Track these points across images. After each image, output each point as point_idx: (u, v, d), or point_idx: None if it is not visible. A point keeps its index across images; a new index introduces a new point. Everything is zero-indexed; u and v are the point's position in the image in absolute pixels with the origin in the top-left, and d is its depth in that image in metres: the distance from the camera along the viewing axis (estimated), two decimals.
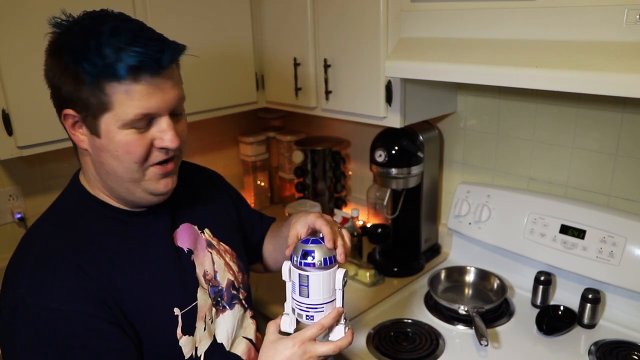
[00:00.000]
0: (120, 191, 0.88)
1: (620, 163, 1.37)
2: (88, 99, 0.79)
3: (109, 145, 0.82)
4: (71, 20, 0.84)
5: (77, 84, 0.79)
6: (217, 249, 1.04)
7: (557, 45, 1.01)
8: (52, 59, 0.82)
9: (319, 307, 0.86)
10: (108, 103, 0.79)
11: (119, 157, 0.82)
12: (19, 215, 1.63)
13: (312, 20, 1.55)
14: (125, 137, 0.81)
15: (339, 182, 1.99)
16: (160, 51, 0.78)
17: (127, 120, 0.80)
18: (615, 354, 1.24)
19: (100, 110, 0.79)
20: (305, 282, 0.85)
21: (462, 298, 1.54)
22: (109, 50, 0.76)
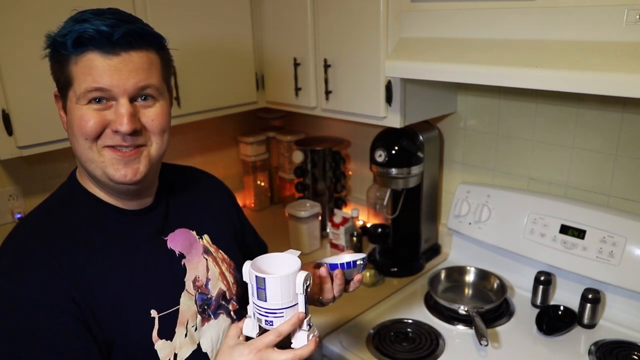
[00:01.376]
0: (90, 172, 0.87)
1: (620, 163, 1.37)
2: (58, 76, 0.84)
3: (70, 121, 0.84)
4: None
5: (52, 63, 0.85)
6: (215, 257, 1.02)
7: (557, 45, 1.01)
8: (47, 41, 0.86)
9: (278, 312, 0.82)
10: (69, 78, 0.82)
11: (74, 133, 0.83)
12: (19, 215, 1.63)
13: (312, 20, 1.55)
14: (79, 111, 0.82)
15: (339, 182, 1.99)
16: (112, 26, 0.78)
17: (80, 93, 0.81)
18: (615, 354, 1.24)
19: (66, 86, 0.83)
20: (262, 285, 0.81)
21: (462, 298, 1.54)
22: (68, 24, 0.80)
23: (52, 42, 0.82)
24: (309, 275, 0.83)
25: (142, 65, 0.83)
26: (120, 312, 0.85)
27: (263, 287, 0.81)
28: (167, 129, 0.89)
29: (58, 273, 0.81)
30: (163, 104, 0.88)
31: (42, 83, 1.32)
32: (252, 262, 0.85)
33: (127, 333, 0.85)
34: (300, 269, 0.83)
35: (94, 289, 0.83)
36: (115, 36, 0.78)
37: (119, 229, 0.90)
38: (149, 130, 0.86)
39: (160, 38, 0.87)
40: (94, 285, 0.84)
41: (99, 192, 0.91)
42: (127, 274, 0.88)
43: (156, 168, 0.93)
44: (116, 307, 0.85)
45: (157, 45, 0.86)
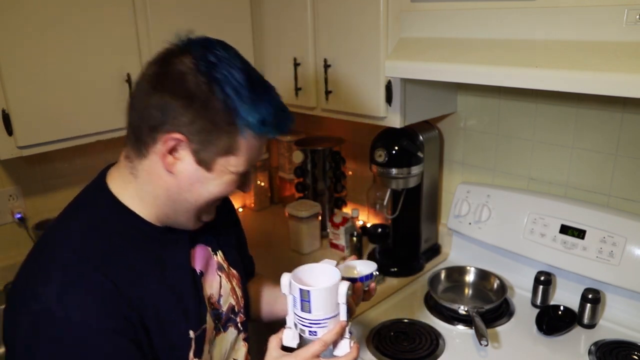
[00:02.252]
0: (176, 217, 0.88)
1: (620, 163, 1.37)
2: (220, 138, 0.79)
3: (212, 180, 0.83)
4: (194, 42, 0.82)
5: (217, 121, 0.78)
6: (227, 273, 1.02)
7: (557, 45, 1.01)
8: (181, 82, 0.77)
9: (322, 322, 0.84)
10: (237, 149, 0.81)
11: (211, 192, 0.84)
12: (19, 215, 1.63)
13: (312, 20, 1.55)
14: (229, 179, 0.84)
15: (339, 182, 1.99)
16: (291, 122, 0.85)
17: (241, 169, 0.84)
18: (615, 354, 1.24)
19: (225, 151, 0.81)
20: (307, 297, 0.82)
21: (462, 298, 1.54)
22: (268, 111, 0.80)
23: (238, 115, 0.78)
24: (350, 285, 0.85)
25: None
26: (167, 334, 0.85)
27: (307, 300, 0.82)
28: None
29: (113, 295, 0.79)
30: None
31: (42, 83, 1.33)
32: (292, 274, 0.86)
33: (171, 354, 0.86)
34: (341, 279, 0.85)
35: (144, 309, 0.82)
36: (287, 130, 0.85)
37: (156, 247, 0.89)
38: None
39: None
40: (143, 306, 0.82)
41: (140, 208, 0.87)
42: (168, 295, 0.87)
43: None
44: (163, 330, 0.84)
45: None
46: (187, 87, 0.77)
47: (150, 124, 0.79)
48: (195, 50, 0.79)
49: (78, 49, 1.37)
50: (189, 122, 0.78)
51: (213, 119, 0.78)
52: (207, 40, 0.83)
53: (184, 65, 0.78)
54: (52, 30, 1.32)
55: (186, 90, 0.77)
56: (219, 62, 0.78)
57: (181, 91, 0.77)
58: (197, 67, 0.77)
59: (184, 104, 0.77)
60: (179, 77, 0.77)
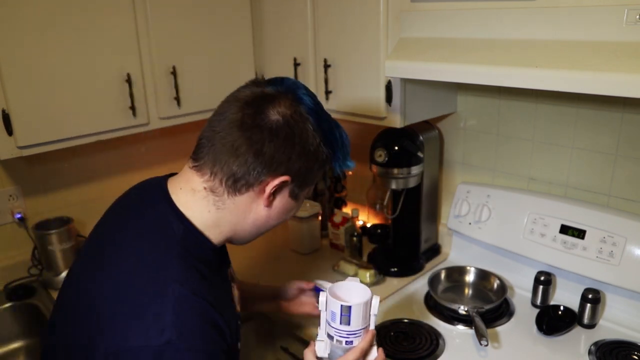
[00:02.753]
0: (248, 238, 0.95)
1: (620, 163, 1.37)
2: (314, 177, 0.93)
3: (295, 207, 0.95)
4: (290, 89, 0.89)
5: (319, 166, 0.90)
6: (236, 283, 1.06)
7: (557, 45, 1.02)
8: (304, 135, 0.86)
9: (358, 332, 0.94)
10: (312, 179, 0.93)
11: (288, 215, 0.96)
12: (19, 215, 1.63)
13: (312, 20, 1.55)
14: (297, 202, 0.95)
15: (339, 182, 1.99)
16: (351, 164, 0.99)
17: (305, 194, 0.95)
18: (615, 354, 1.24)
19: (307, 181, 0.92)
20: (347, 312, 0.92)
21: (462, 298, 1.54)
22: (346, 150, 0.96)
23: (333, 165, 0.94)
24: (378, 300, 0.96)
25: None
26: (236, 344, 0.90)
27: (348, 314, 0.92)
28: None
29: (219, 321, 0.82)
30: None
31: (42, 83, 1.33)
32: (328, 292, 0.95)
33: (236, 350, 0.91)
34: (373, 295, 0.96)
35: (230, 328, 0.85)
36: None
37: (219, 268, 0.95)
38: None
39: None
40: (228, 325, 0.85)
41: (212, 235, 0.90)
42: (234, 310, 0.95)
43: None
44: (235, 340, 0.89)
45: None
46: (306, 140, 0.86)
47: (264, 169, 0.85)
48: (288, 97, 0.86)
49: (78, 49, 1.37)
50: (298, 168, 0.88)
51: (316, 165, 0.90)
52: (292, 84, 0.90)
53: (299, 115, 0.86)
54: (52, 31, 1.32)
55: (304, 143, 0.86)
56: (320, 111, 0.90)
57: (300, 143, 0.86)
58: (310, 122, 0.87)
59: (300, 153, 0.86)
60: (300, 131, 0.86)
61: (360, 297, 0.95)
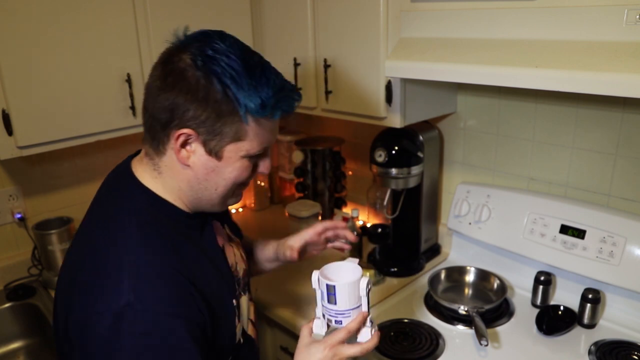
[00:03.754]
0: (205, 204, 0.93)
1: (620, 163, 1.37)
2: (226, 126, 0.83)
3: (224, 168, 0.87)
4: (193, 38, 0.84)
5: (220, 112, 0.81)
6: (235, 242, 1.10)
7: (557, 45, 1.02)
8: (182, 79, 0.81)
9: (346, 312, 0.93)
10: (244, 135, 0.84)
11: (227, 179, 0.89)
12: (19, 215, 1.64)
13: (312, 20, 1.55)
14: (242, 164, 0.88)
15: (339, 182, 1.99)
16: (296, 100, 0.88)
17: (253, 153, 0.87)
18: (615, 354, 1.24)
19: (232, 139, 0.84)
20: (333, 291, 0.92)
21: (462, 298, 1.54)
22: (268, 93, 0.82)
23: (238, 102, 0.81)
24: (370, 281, 0.95)
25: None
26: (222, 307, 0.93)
27: (333, 293, 0.93)
28: None
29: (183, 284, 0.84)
30: None
31: (42, 83, 1.33)
32: (320, 271, 0.96)
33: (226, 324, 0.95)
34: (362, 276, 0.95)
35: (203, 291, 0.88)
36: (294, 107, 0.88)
37: (195, 233, 0.95)
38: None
39: None
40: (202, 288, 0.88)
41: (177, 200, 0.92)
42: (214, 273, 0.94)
43: None
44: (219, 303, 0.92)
45: None
46: (188, 83, 0.80)
47: (162, 123, 0.84)
48: (192, 46, 0.82)
49: (78, 49, 1.37)
50: (195, 116, 0.82)
51: (216, 110, 0.81)
52: (203, 34, 0.85)
53: (183, 62, 0.81)
54: (52, 31, 1.32)
55: (188, 86, 0.81)
56: (215, 55, 0.81)
57: (183, 88, 0.81)
58: (195, 62, 0.80)
59: (188, 99, 0.81)
60: (180, 75, 0.81)
61: (347, 277, 0.95)
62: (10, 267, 1.65)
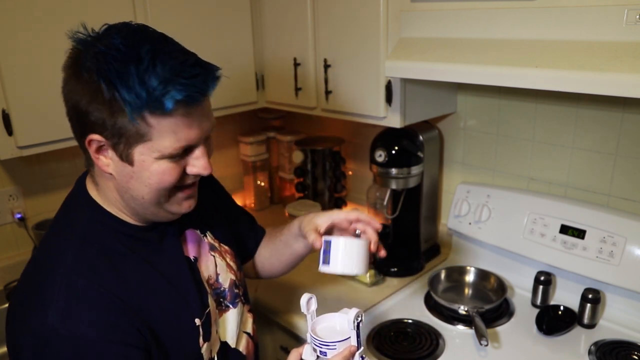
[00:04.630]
0: (144, 213, 0.86)
1: (620, 163, 1.37)
2: (124, 127, 0.75)
3: (141, 173, 0.79)
4: (94, 37, 0.76)
5: (113, 113, 0.74)
6: (219, 251, 1.04)
7: (557, 45, 1.01)
8: (79, 82, 0.74)
9: (331, 345, 0.87)
10: (147, 134, 0.75)
11: (150, 185, 0.80)
12: (19, 215, 1.63)
13: (312, 20, 1.55)
14: (160, 166, 0.78)
15: (339, 182, 1.99)
16: (204, 82, 0.76)
17: (166, 153, 0.77)
18: (615, 354, 1.24)
19: (136, 140, 0.76)
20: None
21: (462, 298, 1.54)
22: (154, 82, 0.72)
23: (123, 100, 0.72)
24: (360, 312, 0.87)
25: (209, 107, 0.82)
26: (173, 327, 0.87)
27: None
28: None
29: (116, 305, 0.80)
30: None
31: (42, 83, 1.33)
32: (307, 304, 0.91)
33: (181, 346, 0.88)
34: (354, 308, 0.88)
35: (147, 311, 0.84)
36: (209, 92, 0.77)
37: (147, 247, 0.90)
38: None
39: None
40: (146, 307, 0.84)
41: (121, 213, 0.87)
42: (167, 289, 0.88)
43: None
44: (169, 325, 0.86)
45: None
46: (83, 85, 0.74)
47: (75, 131, 0.80)
48: (89, 45, 0.75)
49: None
50: (96, 121, 0.75)
51: (109, 111, 0.73)
52: (106, 30, 0.77)
53: (80, 64, 0.74)
54: (52, 30, 1.32)
55: (83, 89, 0.74)
56: (107, 51, 0.72)
57: (79, 91, 0.74)
58: (86, 63, 0.73)
59: (86, 103, 0.74)
60: (77, 78, 0.74)
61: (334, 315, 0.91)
62: (10, 267, 1.65)
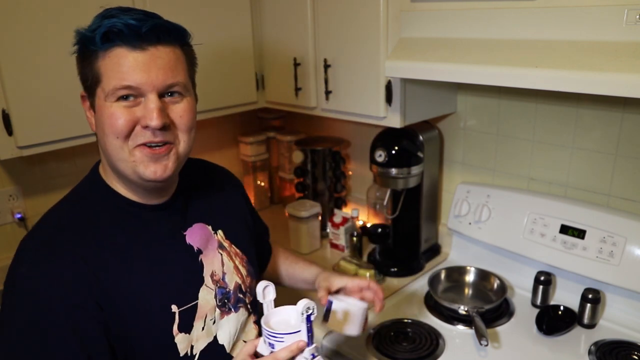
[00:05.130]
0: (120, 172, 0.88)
1: (620, 163, 1.37)
2: (86, 74, 0.84)
3: (99, 119, 0.84)
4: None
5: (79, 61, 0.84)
6: (228, 251, 1.04)
7: (557, 45, 1.01)
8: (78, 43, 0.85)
9: (279, 336, 0.83)
10: (98, 75, 0.82)
11: (105, 132, 0.83)
12: (19, 215, 1.63)
13: (312, 20, 1.55)
14: (109, 109, 0.82)
15: (339, 182, 1.99)
16: (140, 20, 0.80)
17: (109, 91, 0.81)
18: (615, 354, 1.24)
19: (94, 84, 0.83)
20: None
21: (462, 298, 1.54)
22: (97, 20, 0.81)
23: (80, 38, 0.82)
24: (310, 304, 0.83)
25: (169, 62, 0.84)
26: (142, 308, 0.87)
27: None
28: (194, 126, 0.91)
29: (82, 271, 0.82)
30: (190, 100, 0.89)
31: (42, 83, 1.33)
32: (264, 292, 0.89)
33: (149, 328, 0.88)
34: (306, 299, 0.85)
35: (117, 286, 0.85)
36: (144, 29, 0.79)
37: (139, 224, 0.92)
38: (177, 127, 0.87)
39: (185, 33, 0.89)
40: (116, 282, 0.85)
41: (120, 187, 0.91)
42: (148, 270, 0.89)
43: (182, 165, 0.94)
44: (138, 303, 0.87)
45: (183, 41, 0.88)
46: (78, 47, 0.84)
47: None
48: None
49: None
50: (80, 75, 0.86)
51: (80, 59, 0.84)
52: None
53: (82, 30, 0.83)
54: (52, 29, 1.31)
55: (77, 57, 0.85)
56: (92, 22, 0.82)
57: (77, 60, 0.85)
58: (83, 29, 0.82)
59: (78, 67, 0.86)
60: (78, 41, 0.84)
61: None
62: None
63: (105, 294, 0.83)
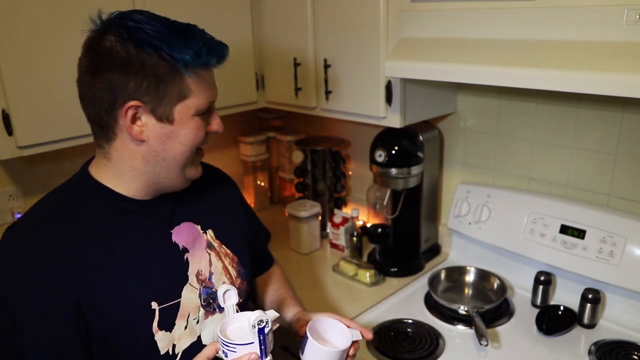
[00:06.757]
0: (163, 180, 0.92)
1: (620, 163, 1.37)
2: (167, 88, 0.84)
3: (179, 130, 0.88)
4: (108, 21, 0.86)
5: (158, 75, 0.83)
6: (217, 252, 1.03)
7: (557, 45, 1.02)
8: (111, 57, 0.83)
9: (231, 346, 0.81)
10: (187, 91, 0.86)
11: (186, 143, 0.89)
12: (19, 215, 1.63)
13: (312, 20, 1.55)
14: (195, 123, 0.89)
15: (339, 182, 1.99)
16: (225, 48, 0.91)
17: (201, 108, 0.89)
18: (615, 354, 1.24)
19: (177, 98, 0.86)
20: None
21: (462, 298, 1.54)
22: (198, 43, 0.85)
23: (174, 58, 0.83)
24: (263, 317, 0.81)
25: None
26: (122, 303, 0.87)
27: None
28: None
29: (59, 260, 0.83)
30: None
31: (42, 83, 1.33)
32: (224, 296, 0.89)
33: (128, 324, 0.88)
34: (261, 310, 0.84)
35: (98, 280, 0.85)
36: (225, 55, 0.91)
37: (127, 221, 0.92)
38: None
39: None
40: (97, 276, 0.85)
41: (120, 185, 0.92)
42: (130, 265, 0.90)
43: None
44: (118, 298, 0.87)
45: None
46: (120, 58, 0.82)
47: (106, 107, 0.86)
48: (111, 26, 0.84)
49: (78, 48, 1.37)
50: (136, 87, 0.83)
51: (155, 74, 0.83)
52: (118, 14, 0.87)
53: (108, 42, 0.83)
54: (52, 29, 1.32)
55: (121, 61, 0.82)
56: (137, 25, 0.83)
57: (117, 64, 0.83)
58: (121, 37, 0.82)
59: (124, 73, 0.83)
60: (108, 55, 0.83)
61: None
62: None
63: (85, 289, 0.84)
